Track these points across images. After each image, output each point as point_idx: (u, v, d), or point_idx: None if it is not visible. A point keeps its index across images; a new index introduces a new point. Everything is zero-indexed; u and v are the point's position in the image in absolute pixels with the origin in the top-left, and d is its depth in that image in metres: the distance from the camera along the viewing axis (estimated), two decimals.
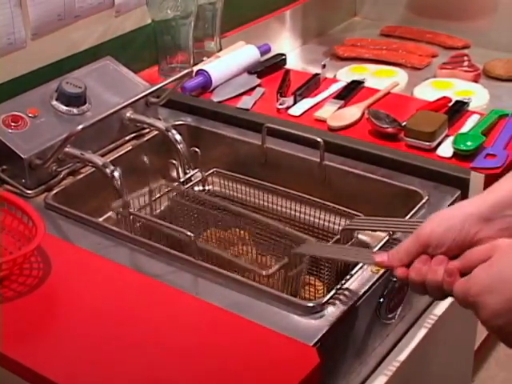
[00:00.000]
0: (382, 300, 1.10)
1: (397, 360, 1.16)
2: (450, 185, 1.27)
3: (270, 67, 1.64)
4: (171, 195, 1.29)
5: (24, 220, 1.13)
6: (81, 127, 1.24)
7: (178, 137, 1.35)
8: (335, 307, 1.02)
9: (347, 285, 1.05)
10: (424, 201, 1.22)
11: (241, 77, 1.60)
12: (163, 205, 1.30)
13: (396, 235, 1.14)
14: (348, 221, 1.21)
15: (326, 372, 0.97)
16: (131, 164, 1.38)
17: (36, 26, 1.40)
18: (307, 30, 2.03)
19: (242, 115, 1.46)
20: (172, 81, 1.40)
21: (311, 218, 1.30)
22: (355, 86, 1.56)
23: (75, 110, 1.35)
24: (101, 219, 1.29)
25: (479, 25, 2.01)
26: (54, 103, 1.34)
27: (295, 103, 1.49)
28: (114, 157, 1.36)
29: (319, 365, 0.93)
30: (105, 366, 0.94)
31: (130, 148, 1.40)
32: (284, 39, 1.96)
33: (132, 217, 1.20)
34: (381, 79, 1.70)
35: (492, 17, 2.00)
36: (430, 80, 1.75)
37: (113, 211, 1.25)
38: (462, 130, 1.38)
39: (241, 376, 0.92)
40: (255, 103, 1.50)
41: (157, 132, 1.40)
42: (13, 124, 1.28)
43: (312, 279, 1.16)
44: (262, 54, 1.66)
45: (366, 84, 1.58)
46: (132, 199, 1.24)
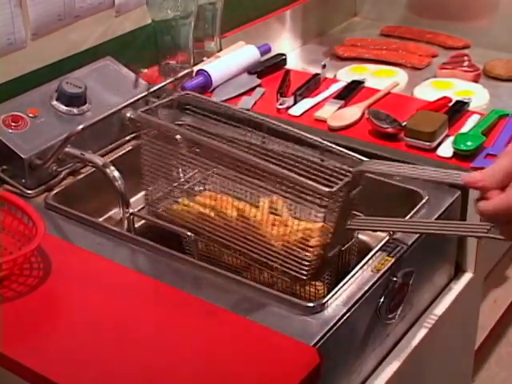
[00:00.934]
0: (382, 300, 1.10)
1: (397, 360, 1.16)
2: (450, 185, 1.27)
3: (270, 67, 1.63)
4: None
5: (24, 220, 1.13)
6: (81, 127, 1.24)
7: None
8: (335, 307, 1.02)
9: (347, 285, 1.05)
10: (424, 201, 1.22)
11: (241, 77, 1.60)
12: None
13: (396, 235, 1.14)
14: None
15: (326, 372, 0.97)
16: (131, 164, 1.38)
17: (36, 26, 1.40)
18: (307, 30, 2.03)
19: (242, 115, 1.46)
20: (172, 81, 1.40)
21: None
22: (355, 86, 1.56)
23: (75, 110, 1.35)
24: (101, 219, 1.29)
25: (479, 25, 2.01)
26: (54, 103, 1.34)
27: (295, 103, 1.49)
28: (114, 157, 1.36)
29: (319, 365, 0.93)
30: (105, 366, 0.94)
31: (130, 148, 1.40)
32: (284, 39, 1.96)
33: (132, 217, 1.20)
34: (381, 79, 1.69)
35: (492, 17, 2.00)
36: (430, 80, 1.74)
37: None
38: (462, 130, 1.38)
39: (241, 376, 0.92)
40: (255, 103, 1.50)
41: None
42: (13, 124, 1.28)
43: None
44: (262, 54, 1.66)
45: (366, 84, 1.58)
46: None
